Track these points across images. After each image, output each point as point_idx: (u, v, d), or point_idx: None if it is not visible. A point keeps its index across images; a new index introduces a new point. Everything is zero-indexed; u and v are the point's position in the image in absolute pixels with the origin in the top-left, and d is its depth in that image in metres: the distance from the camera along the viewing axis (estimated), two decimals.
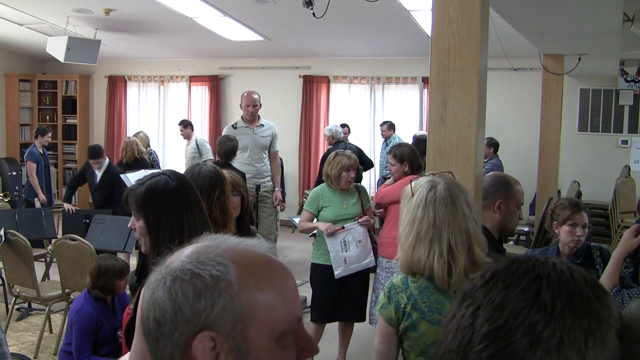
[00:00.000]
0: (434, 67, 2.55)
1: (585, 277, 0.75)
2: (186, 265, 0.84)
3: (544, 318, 0.70)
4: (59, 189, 10.90)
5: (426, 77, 7.93)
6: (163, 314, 0.83)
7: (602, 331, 0.72)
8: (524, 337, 0.70)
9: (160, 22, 8.05)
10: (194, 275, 0.83)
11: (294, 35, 8.54)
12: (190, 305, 0.82)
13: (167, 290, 0.83)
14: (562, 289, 0.73)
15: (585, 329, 0.71)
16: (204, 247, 0.88)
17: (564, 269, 0.75)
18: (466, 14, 2.48)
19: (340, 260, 4.18)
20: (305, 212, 4.40)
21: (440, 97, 2.53)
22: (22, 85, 10.94)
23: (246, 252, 0.88)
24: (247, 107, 5.97)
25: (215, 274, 0.83)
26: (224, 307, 0.81)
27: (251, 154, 5.94)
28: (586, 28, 5.05)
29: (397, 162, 4.40)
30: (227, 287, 0.82)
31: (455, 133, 2.49)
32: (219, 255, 0.85)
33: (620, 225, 6.87)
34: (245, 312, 0.82)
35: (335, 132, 8.14)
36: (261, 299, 0.84)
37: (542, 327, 0.70)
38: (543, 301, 0.71)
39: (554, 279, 0.73)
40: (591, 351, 0.70)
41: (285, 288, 0.87)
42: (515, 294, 0.73)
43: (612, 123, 8.77)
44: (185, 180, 2.01)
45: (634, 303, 0.90)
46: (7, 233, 5.00)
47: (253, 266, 0.86)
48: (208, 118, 10.53)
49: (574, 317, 0.71)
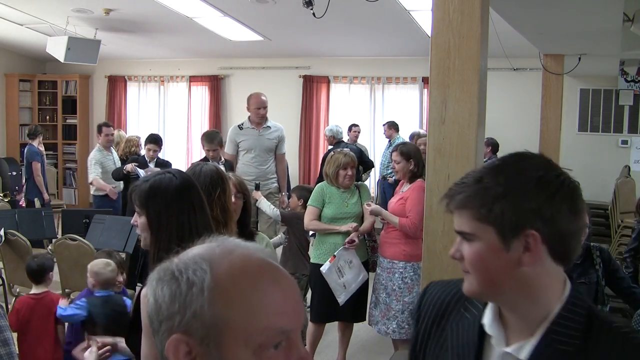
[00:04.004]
0: (434, 67, 2.55)
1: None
2: (171, 266, 0.84)
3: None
4: (59, 189, 10.91)
5: (426, 77, 7.93)
6: (150, 312, 0.85)
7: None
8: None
9: (160, 22, 8.05)
10: (173, 277, 0.83)
11: (294, 35, 8.54)
12: (167, 307, 0.82)
13: (152, 289, 0.84)
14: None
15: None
16: (201, 249, 0.87)
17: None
18: (466, 14, 2.48)
19: (341, 288, 4.19)
20: (310, 207, 4.33)
21: (440, 97, 2.53)
22: (22, 85, 10.94)
23: (236, 258, 0.85)
24: (258, 110, 5.82)
25: (191, 279, 0.81)
26: (196, 312, 0.80)
27: (256, 155, 5.84)
28: (586, 28, 5.05)
29: (403, 159, 4.22)
30: (199, 293, 0.80)
31: (455, 133, 2.49)
32: (204, 259, 0.83)
33: (620, 225, 6.87)
34: (218, 320, 0.80)
35: (335, 132, 8.14)
36: (238, 307, 0.81)
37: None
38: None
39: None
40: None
41: (272, 298, 0.83)
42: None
43: (612, 123, 8.77)
44: (189, 179, 2.02)
45: None
46: (7, 233, 5.01)
47: (237, 273, 0.83)
48: (208, 118, 10.53)
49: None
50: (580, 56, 6.22)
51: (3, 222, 5.37)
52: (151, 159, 6.55)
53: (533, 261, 1.08)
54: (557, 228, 1.08)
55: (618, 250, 6.25)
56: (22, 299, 3.87)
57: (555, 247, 1.09)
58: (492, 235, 1.09)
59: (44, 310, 3.67)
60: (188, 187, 1.98)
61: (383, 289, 4.22)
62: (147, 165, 6.38)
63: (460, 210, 1.12)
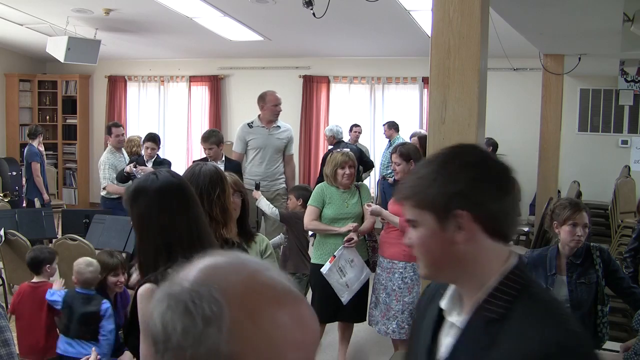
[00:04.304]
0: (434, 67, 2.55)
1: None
2: (183, 295, 0.80)
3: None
4: (59, 189, 10.91)
5: (426, 77, 7.94)
6: (156, 335, 0.81)
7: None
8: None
9: (160, 22, 8.05)
10: (186, 311, 0.79)
11: (294, 35, 8.54)
12: (177, 339, 0.78)
13: (161, 315, 0.81)
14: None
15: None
16: (213, 272, 0.83)
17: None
18: (466, 14, 2.48)
19: (343, 287, 4.19)
20: (310, 207, 4.32)
21: (440, 97, 2.53)
22: (22, 85, 10.94)
23: (256, 290, 0.81)
24: (275, 107, 5.78)
25: (207, 315, 0.78)
26: (210, 349, 0.77)
27: (264, 154, 5.78)
28: (586, 28, 5.05)
29: (403, 160, 4.20)
30: (218, 331, 0.77)
31: (455, 133, 2.49)
32: (221, 290, 0.79)
33: (620, 225, 6.86)
34: (234, 356, 0.77)
35: (336, 132, 8.13)
36: (256, 344, 0.78)
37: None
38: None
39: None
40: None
41: (292, 333, 0.80)
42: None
43: (612, 123, 8.77)
44: (172, 180, 2.01)
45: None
46: (7, 233, 5.01)
47: (257, 310, 0.79)
48: (208, 118, 10.53)
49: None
50: (580, 56, 6.22)
51: (3, 222, 5.37)
52: (149, 158, 6.44)
53: (467, 239, 1.19)
54: (486, 207, 1.19)
55: (618, 250, 6.25)
56: (23, 285, 4.04)
57: (487, 225, 1.20)
58: (429, 219, 1.21)
59: (38, 298, 3.79)
60: (170, 188, 1.97)
61: (383, 289, 4.22)
62: (146, 164, 6.35)
63: (405, 201, 1.27)
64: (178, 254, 1.95)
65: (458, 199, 1.18)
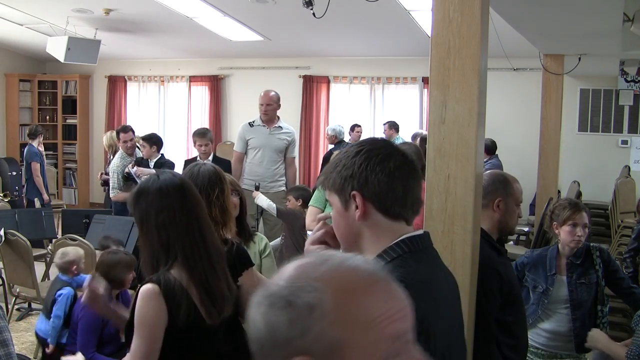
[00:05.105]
0: (434, 67, 2.54)
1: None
2: (282, 291, 0.85)
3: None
4: (59, 189, 10.91)
5: (426, 77, 7.93)
6: (260, 338, 0.85)
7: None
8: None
9: (160, 22, 8.05)
10: (288, 303, 0.84)
11: (294, 35, 8.54)
12: (284, 332, 0.83)
13: (263, 316, 0.85)
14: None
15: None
16: (304, 268, 0.88)
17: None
18: (466, 14, 2.47)
19: None
20: (312, 208, 4.31)
21: (440, 97, 2.52)
22: (22, 85, 10.94)
23: (346, 274, 0.87)
24: (261, 106, 5.80)
25: (310, 302, 0.83)
26: (318, 335, 0.82)
27: (263, 154, 5.78)
28: (586, 28, 5.05)
29: None
30: (322, 316, 0.82)
31: (455, 133, 2.48)
32: (317, 279, 0.85)
33: (620, 226, 6.86)
34: (340, 340, 0.82)
35: (338, 132, 8.15)
36: (358, 326, 0.83)
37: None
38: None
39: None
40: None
41: (387, 312, 0.85)
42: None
43: (612, 123, 8.77)
44: (173, 181, 2.02)
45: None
46: (7, 233, 5.00)
47: (352, 291, 0.85)
48: (208, 118, 10.53)
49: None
50: (580, 56, 6.21)
51: (3, 222, 5.37)
52: (148, 157, 6.30)
53: (362, 216, 1.37)
54: (373, 188, 1.36)
55: (618, 250, 6.25)
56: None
57: (377, 204, 1.36)
58: (337, 200, 1.41)
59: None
60: (170, 188, 1.99)
61: None
62: (148, 165, 6.32)
63: (320, 186, 1.49)
64: (178, 253, 1.95)
65: (350, 181, 1.37)
